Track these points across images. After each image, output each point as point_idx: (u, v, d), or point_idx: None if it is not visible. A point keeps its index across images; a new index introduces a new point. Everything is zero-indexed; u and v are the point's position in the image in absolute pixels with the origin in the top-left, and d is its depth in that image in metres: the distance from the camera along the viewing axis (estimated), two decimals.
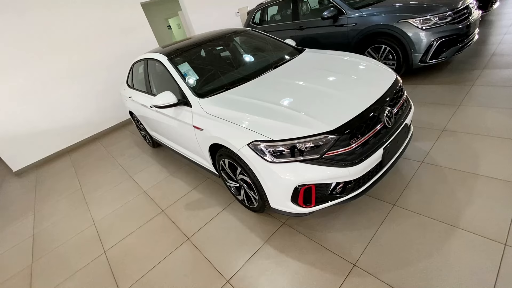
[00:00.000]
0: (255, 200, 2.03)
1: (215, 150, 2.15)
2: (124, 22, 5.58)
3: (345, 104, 1.72)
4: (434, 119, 2.75)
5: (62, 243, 2.60)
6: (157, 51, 2.86)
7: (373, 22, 3.61)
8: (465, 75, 3.45)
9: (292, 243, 1.88)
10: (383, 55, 3.73)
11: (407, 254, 1.58)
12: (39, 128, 4.93)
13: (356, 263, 1.62)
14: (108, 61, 5.48)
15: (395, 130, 1.80)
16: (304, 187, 1.61)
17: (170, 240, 2.22)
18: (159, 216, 2.55)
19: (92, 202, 3.16)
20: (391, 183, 2.11)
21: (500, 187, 1.81)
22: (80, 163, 4.46)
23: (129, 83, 3.73)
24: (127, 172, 3.60)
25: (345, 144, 1.59)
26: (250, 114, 1.81)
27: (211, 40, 2.90)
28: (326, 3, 4.21)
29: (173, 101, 2.23)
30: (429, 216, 1.76)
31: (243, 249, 1.94)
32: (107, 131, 5.72)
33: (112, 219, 2.73)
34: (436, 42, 3.28)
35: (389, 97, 1.82)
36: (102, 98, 5.54)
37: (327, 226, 1.91)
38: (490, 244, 1.49)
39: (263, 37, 3.12)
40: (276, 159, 1.62)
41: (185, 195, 2.74)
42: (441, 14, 3.21)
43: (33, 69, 4.67)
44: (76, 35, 5.03)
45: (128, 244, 2.33)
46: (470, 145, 2.27)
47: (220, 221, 2.27)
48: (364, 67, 2.16)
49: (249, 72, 2.45)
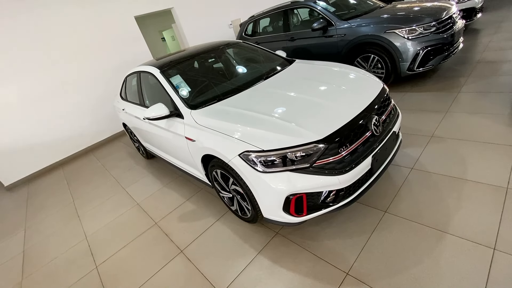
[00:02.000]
0: (248, 210, 2.03)
1: (208, 161, 2.16)
2: (118, 35, 5.64)
3: (334, 113, 1.75)
4: (423, 125, 2.80)
5: (53, 259, 2.54)
6: (149, 64, 2.90)
7: (361, 33, 3.72)
8: (451, 82, 3.55)
9: (286, 253, 1.87)
10: (372, 64, 3.82)
11: (399, 261, 1.59)
12: (31, 141, 4.88)
13: (349, 271, 1.62)
14: (102, 74, 5.50)
15: (384, 138, 1.84)
16: (296, 196, 1.62)
17: (163, 253, 2.19)
18: (152, 228, 2.53)
19: (85, 215, 3.12)
20: (382, 190, 2.13)
21: (487, 191, 1.85)
22: (73, 176, 4.41)
23: (123, 95, 3.75)
24: (120, 185, 3.57)
25: (334, 152, 1.62)
26: (241, 124, 1.83)
27: (204, 52, 2.95)
28: (316, 15, 4.33)
29: (165, 113, 2.25)
30: (419, 222, 1.78)
31: (236, 261, 1.93)
32: (100, 143, 5.69)
33: (104, 233, 2.69)
34: (422, 51, 3.39)
35: (376, 105, 1.86)
36: (95, 111, 5.53)
37: (320, 235, 1.92)
38: (480, 249, 1.51)
39: (254, 49, 3.18)
40: (267, 169, 1.64)
41: (179, 207, 2.72)
42: (426, 24, 3.34)
43: (25, 83, 4.66)
44: (69, 49, 5.05)
45: (120, 258, 2.29)
46: (458, 150, 2.31)
47: (214, 232, 2.25)
48: (352, 77, 2.21)
49: (240, 83, 2.49)
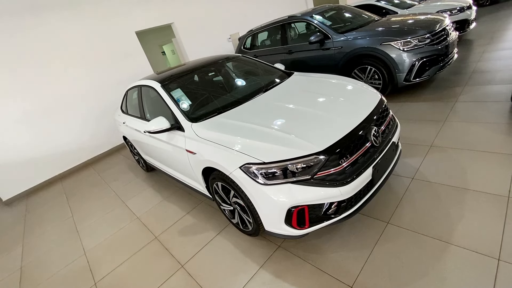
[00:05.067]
0: (249, 223, 2.01)
1: (208, 174, 2.15)
2: (119, 50, 5.74)
3: (333, 125, 1.77)
4: (422, 135, 2.82)
5: (51, 276, 2.49)
6: (150, 78, 2.94)
7: (358, 45, 3.80)
8: (448, 92, 3.60)
9: (288, 266, 1.84)
10: (369, 75, 3.89)
11: (403, 273, 1.56)
12: (30, 155, 4.88)
13: (353, 285, 1.59)
14: (103, 87, 5.57)
15: (383, 148, 1.85)
16: (297, 208, 1.61)
17: (164, 269, 2.16)
18: (153, 243, 2.49)
19: (84, 230, 3.08)
20: (384, 201, 2.12)
21: (489, 201, 1.84)
22: (72, 190, 4.39)
23: (123, 109, 3.78)
24: (120, 198, 3.55)
25: (335, 164, 1.63)
26: (242, 137, 1.84)
27: (204, 66, 3.00)
28: (312, 28, 4.44)
29: (166, 126, 2.27)
30: (422, 233, 1.76)
31: (238, 275, 1.89)
32: (100, 156, 5.69)
33: (103, 248, 2.65)
34: (418, 62, 3.46)
35: (375, 116, 1.88)
36: (95, 124, 5.56)
37: (323, 248, 1.89)
38: (484, 260, 1.49)
39: (253, 62, 3.24)
40: (268, 181, 1.64)
41: (179, 220, 2.69)
42: (420, 37, 3.42)
43: (24, 96, 4.69)
44: (70, 64, 5.13)
45: (120, 274, 2.25)
46: (458, 160, 2.32)
47: (215, 246, 2.22)
48: (350, 89, 2.25)
49: (240, 96, 2.52)
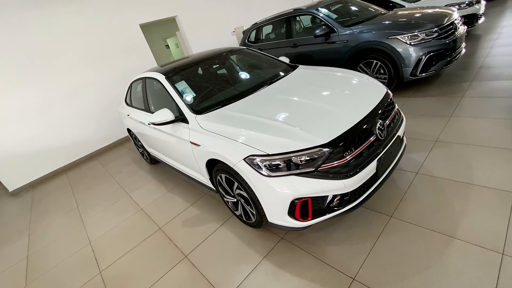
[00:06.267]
0: (252, 215, 2.03)
1: (212, 166, 2.16)
2: (123, 43, 5.74)
3: (338, 118, 1.76)
4: (427, 130, 2.80)
5: (57, 264, 2.54)
6: (155, 70, 2.94)
7: (363, 39, 3.75)
8: (455, 87, 3.55)
9: (291, 258, 1.86)
10: (375, 70, 3.84)
11: (406, 266, 1.57)
12: (36, 147, 4.93)
13: (355, 277, 1.60)
14: (107, 80, 5.58)
15: (388, 142, 1.84)
16: (301, 200, 1.62)
17: (167, 259, 2.19)
18: (156, 234, 2.52)
19: (89, 221, 3.12)
20: (388, 195, 2.12)
21: (494, 196, 1.83)
22: (77, 182, 4.44)
23: (127, 101, 3.79)
24: (124, 190, 3.58)
25: (339, 156, 1.62)
26: (246, 129, 1.84)
27: (208, 59, 2.99)
28: (318, 22, 4.38)
29: (170, 118, 2.27)
30: (426, 227, 1.76)
31: (241, 266, 1.91)
32: (105, 149, 5.73)
33: (108, 238, 2.69)
34: (424, 57, 3.41)
35: (380, 110, 1.87)
36: (100, 117, 5.59)
37: (326, 240, 1.90)
38: (488, 254, 1.49)
39: (258, 55, 3.22)
40: (272, 173, 1.64)
41: (183, 212, 2.72)
42: (428, 30, 3.36)
43: (30, 89, 4.73)
44: (75, 57, 5.15)
45: (124, 264, 2.28)
46: (463, 155, 2.30)
47: (218, 237, 2.24)
48: (355, 82, 2.23)
49: (244, 89, 2.51)
